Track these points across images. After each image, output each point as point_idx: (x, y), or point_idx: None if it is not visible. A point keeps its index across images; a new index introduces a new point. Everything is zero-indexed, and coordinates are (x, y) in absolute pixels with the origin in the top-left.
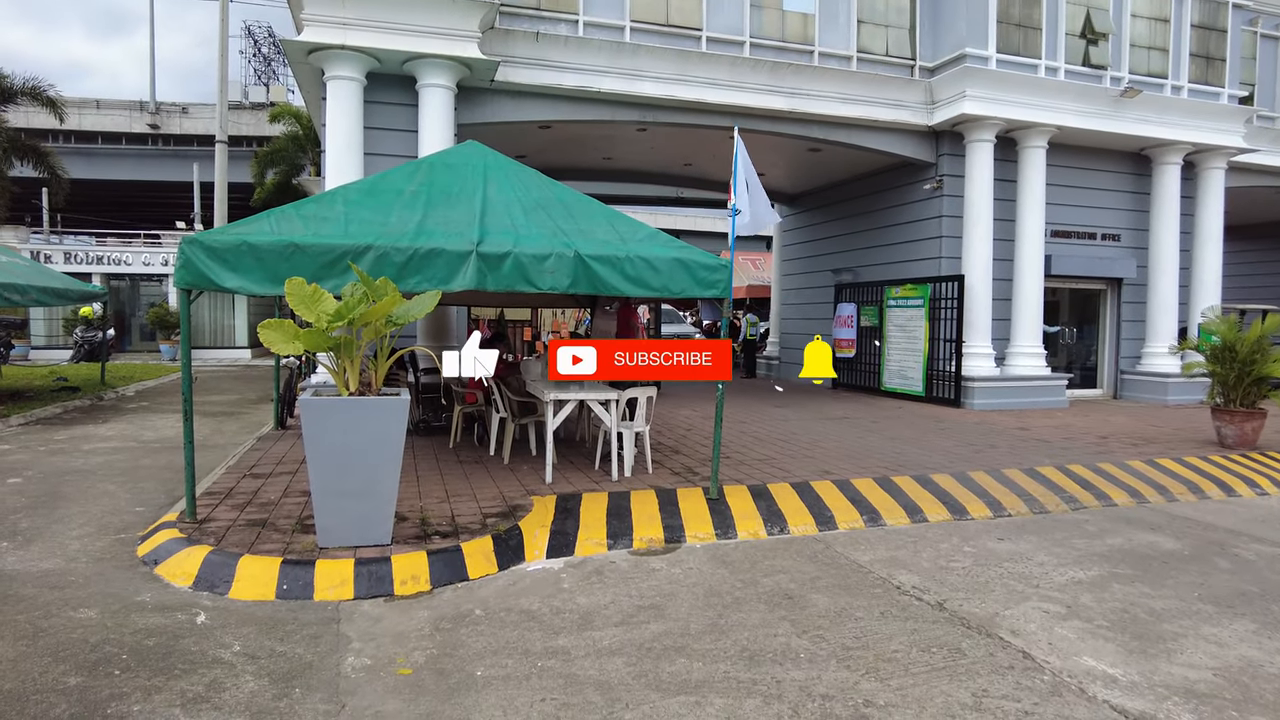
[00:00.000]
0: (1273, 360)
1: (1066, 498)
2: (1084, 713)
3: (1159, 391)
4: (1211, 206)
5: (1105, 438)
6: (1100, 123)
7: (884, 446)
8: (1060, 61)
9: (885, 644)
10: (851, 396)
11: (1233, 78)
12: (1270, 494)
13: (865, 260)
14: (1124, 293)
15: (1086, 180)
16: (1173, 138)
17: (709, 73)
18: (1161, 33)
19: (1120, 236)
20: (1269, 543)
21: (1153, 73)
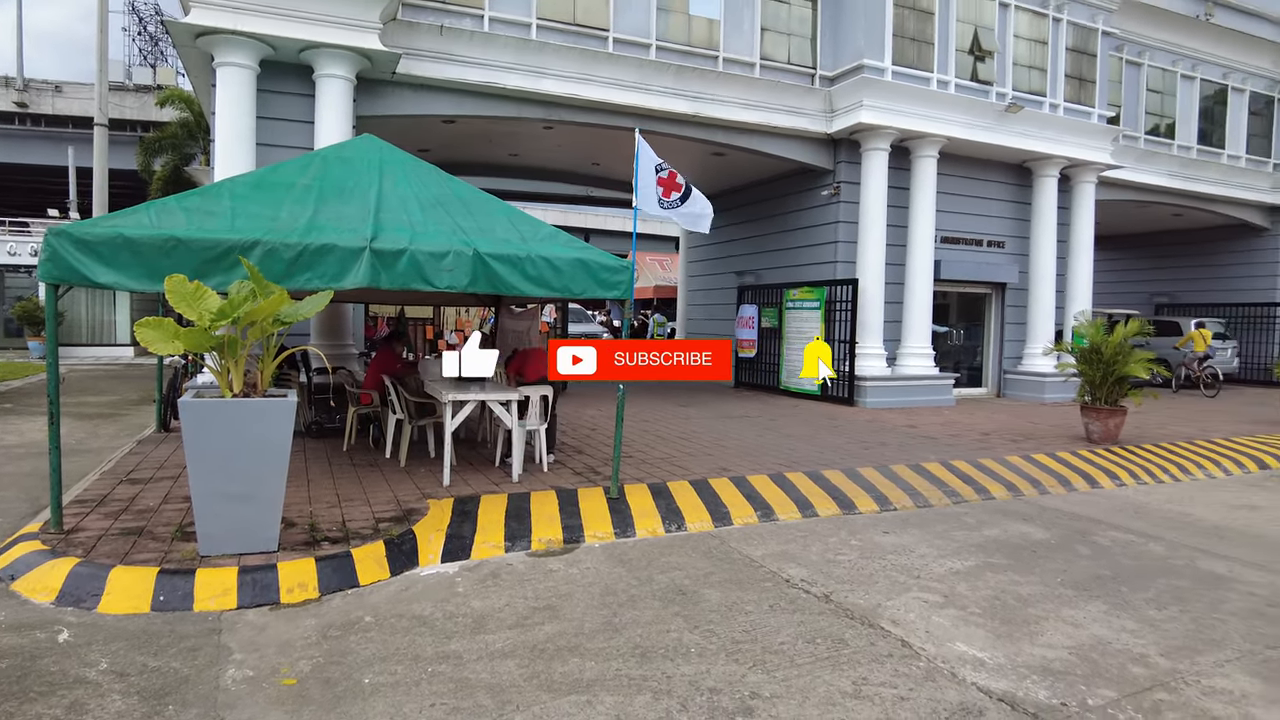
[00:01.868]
0: (1133, 361)
1: (949, 492)
2: (954, 695)
3: (1037, 390)
4: (1084, 217)
5: (987, 434)
6: (987, 135)
7: (780, 444)
8: (951, 75)
9: (773, 636)
10: (752, 395)
11: (1102, 99)
12: (1128, 485)
13: (767, 263)
14: (1007, 297)
15: (974, 189)
16: (1051, 152)
17: (615, 73)
18: (1040, 54)
19: (1004, 244)
20: (1124, 530)
21: (1033, 90)
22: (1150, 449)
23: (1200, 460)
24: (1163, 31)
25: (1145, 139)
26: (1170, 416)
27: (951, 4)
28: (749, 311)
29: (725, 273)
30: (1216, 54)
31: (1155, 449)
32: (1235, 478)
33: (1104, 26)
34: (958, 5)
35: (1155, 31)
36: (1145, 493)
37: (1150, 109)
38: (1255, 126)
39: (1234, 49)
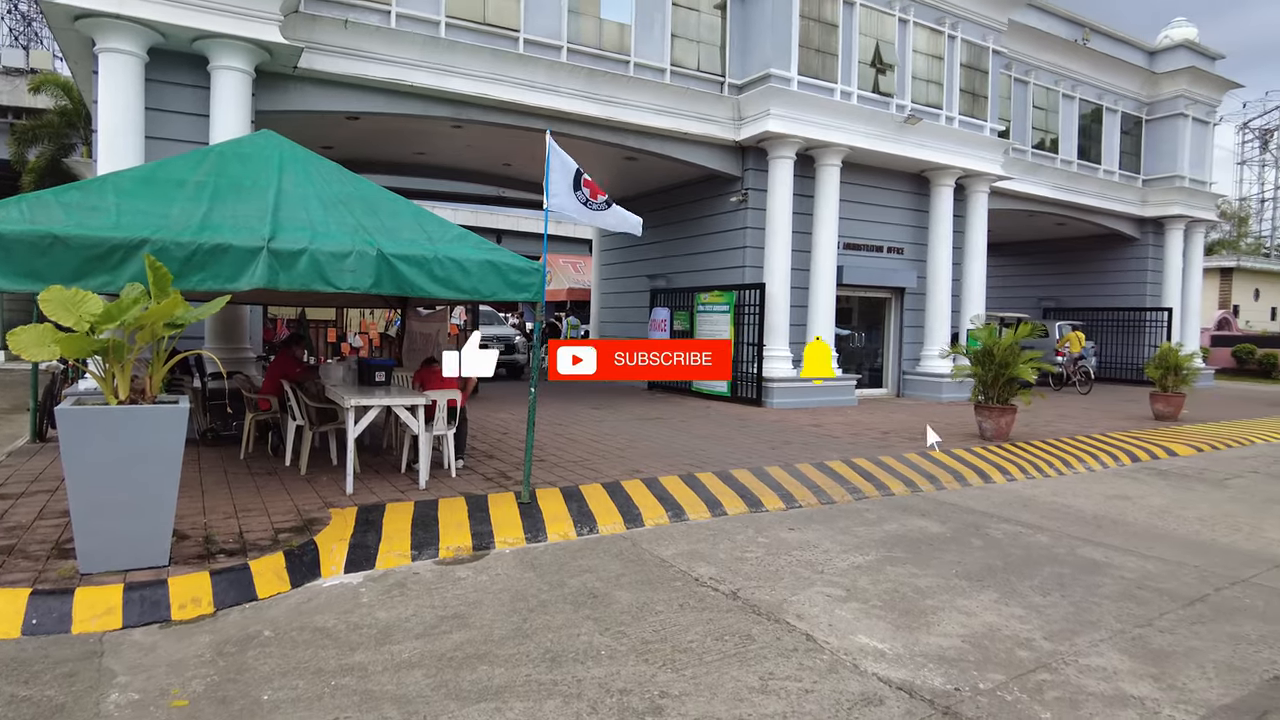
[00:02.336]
0: (1022, 363)
1: (851, 489)
2: (856, 686)
3: (935, 390)
4: (978, 225)
5: (887, 433)
6: (887, 145)
7: (691, 445)
8: (854, 87)
9: (683, 635)
10: (665, 398)
11: (993, 114)
12: (1017, 479)
13: (678, 267)
14: (906, 301)
15: (875, 198)
16: (947, 162)
17: (526, 75)
18: (937, 69)
19: (903, 250)
20: (1013, 522)
21: (931, 103)
22: (1038, 445)
23: (1081, 455)
24: (1046, 53)
25: (1032, 152)
26: (1056, 414)
27: (854, 18)
28: (661, 314)
29: (638, 276)
30: (1093, 76)
31: (1042, 445)
32: (1111, 470)
33: (994, 45)
34: (860, 19)
35: (1039, 53)
36: (1033, 486)
37: (1036, 125)
38: (1126, 144)
39: (1107, 72)
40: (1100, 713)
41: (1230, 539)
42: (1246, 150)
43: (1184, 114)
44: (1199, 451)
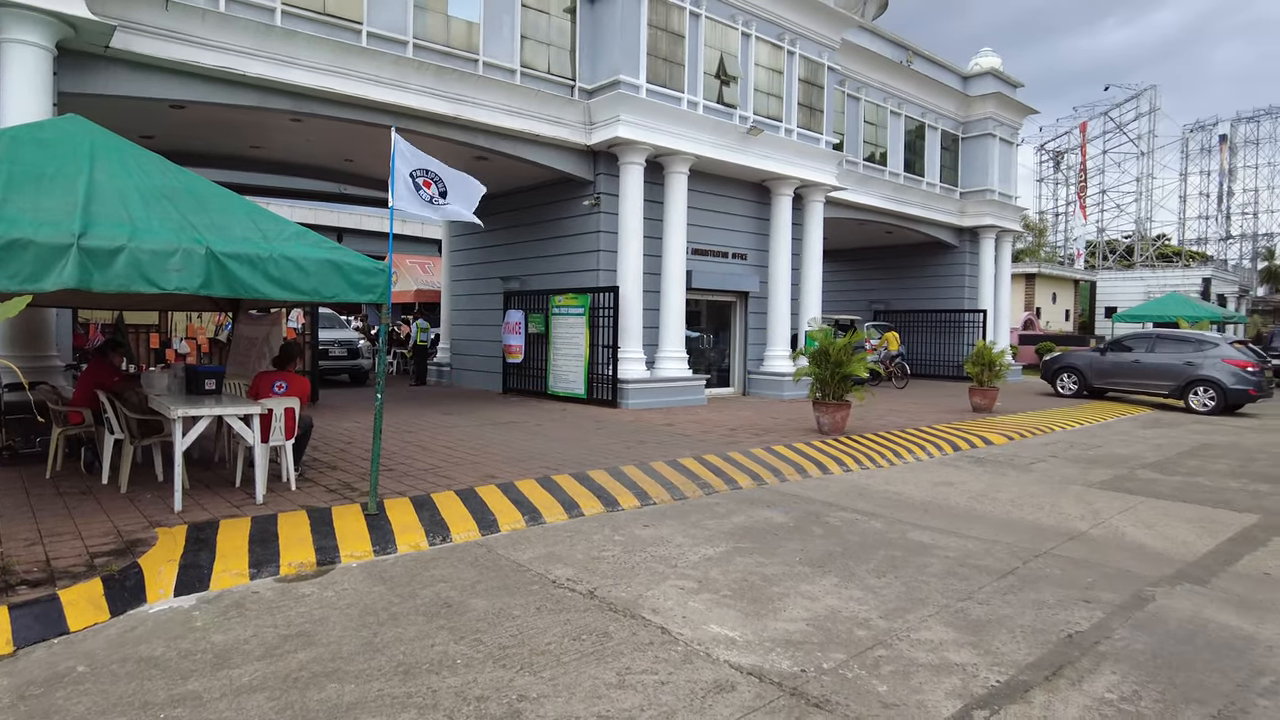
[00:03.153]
0: (855, 362)
1: (702, 484)
2: (709, 674)
3: (777, 388)
4: (815, 233)
5: (735, 430)
6: (731, 155)
7: (547, 448)
8: (700, 97)
9: (540, 638)
10: (520, 401)
11: (829, 127)
12: (853, 470)
13: (532, 269)
14: (750, 304)
15: (721, 205)
16: (786, 173)
17: (371, 69)
18: (777, 83)
19: (747, 255)
20: (850, 510)
21: (771, 115)
22: (871, 437)
23: (910, 446)
24: (875, 72)
25: (864, 165)
26: (887, 409)
27: (700, 29)
28: (515, 317)
29: (491, 278)
30: (916, 96)
31: (875, 437)
32: (936, 459)
33: (829, 63)
34: (705, 31)
35: (870, 71)
36: (867, 476)
37: (868, 139)
38: (946, 160)
39: (929, 93)
40: (929, 681)
41: (1035, 516)
42: (1043, 169)
43: (993, 134)
44: (1010, 440)
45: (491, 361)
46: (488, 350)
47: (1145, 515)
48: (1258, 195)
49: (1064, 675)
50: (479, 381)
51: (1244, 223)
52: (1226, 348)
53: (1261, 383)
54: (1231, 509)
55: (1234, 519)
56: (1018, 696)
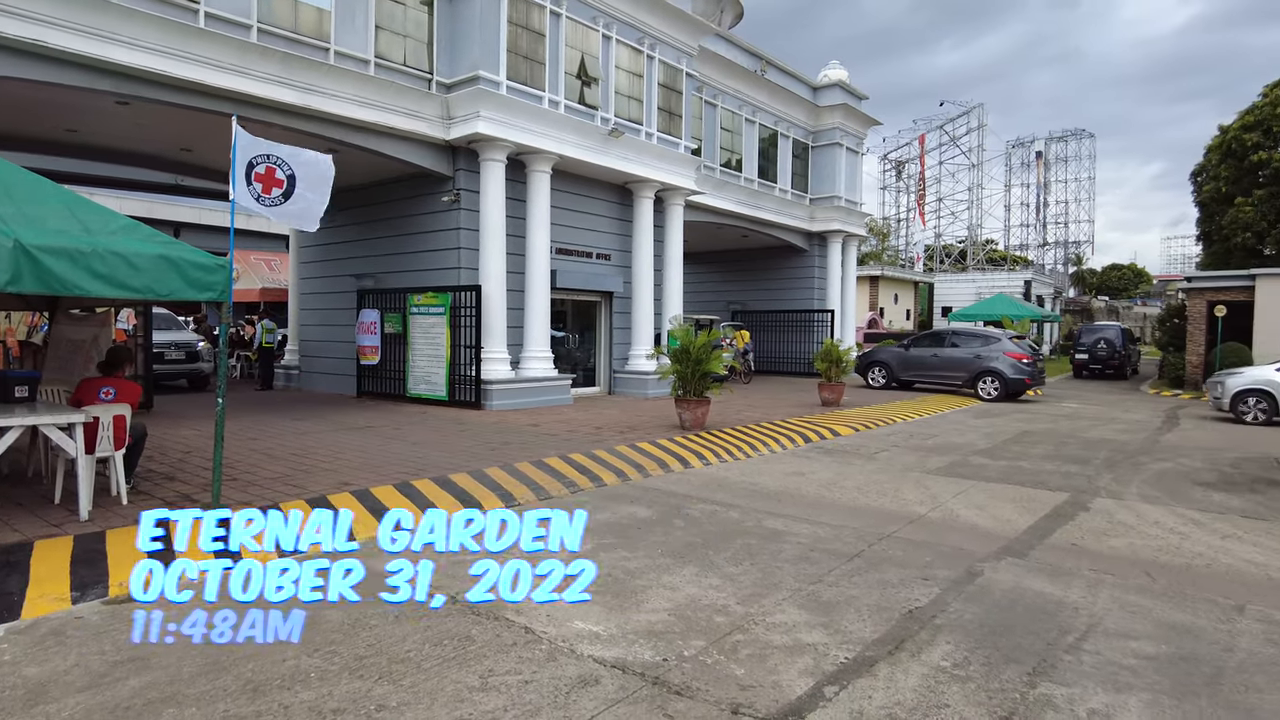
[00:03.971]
0: (714, 359)
1: (567, 483)
2: (574, 670)
3: (642, 387)
4: (675, 235)
5: (600, 428)
6: (594, 156)
7: (407, 452)
8: (561, 97)
9: (399, 646)
10: (376, 405)
11: (687, 132)
12: (712, 463)
13: (388, 267)
14: (614, 304)
15: (585, 206)
16: (647, 175)
17: (211, 52)
18: (638, 86)
19: (611, 256)
20: (710, 502)
21: (632, 118)
22: (730, 432)
23: (765, 439)
24: (731, 80)
25: (721, 170)
26: (744, 404)
27: (561, 29)
28: (371, 317)
29: (343, 275)
30: (770, 104)
31: (733, 432)
32: (789, 451)
33: (687, 69)
34: (566, 31)
35: (726, 79)
36: (726, 469)
37: (724, 145)
38: (797, 167)
39: (781, 102)
40: (783, 662)
41: (879, 502)
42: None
43: (840, 144)
44: (856, 431)
45: (345, 364)
46: (341, 352)
47: (976, 498)
48: (1068, 207)
49: (905, 648)
50: (331, 385)
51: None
52: (1007, 343)
53: (1034, 373)
54: (1047, 489)
55: (1049, 497)
56: (864, 671)
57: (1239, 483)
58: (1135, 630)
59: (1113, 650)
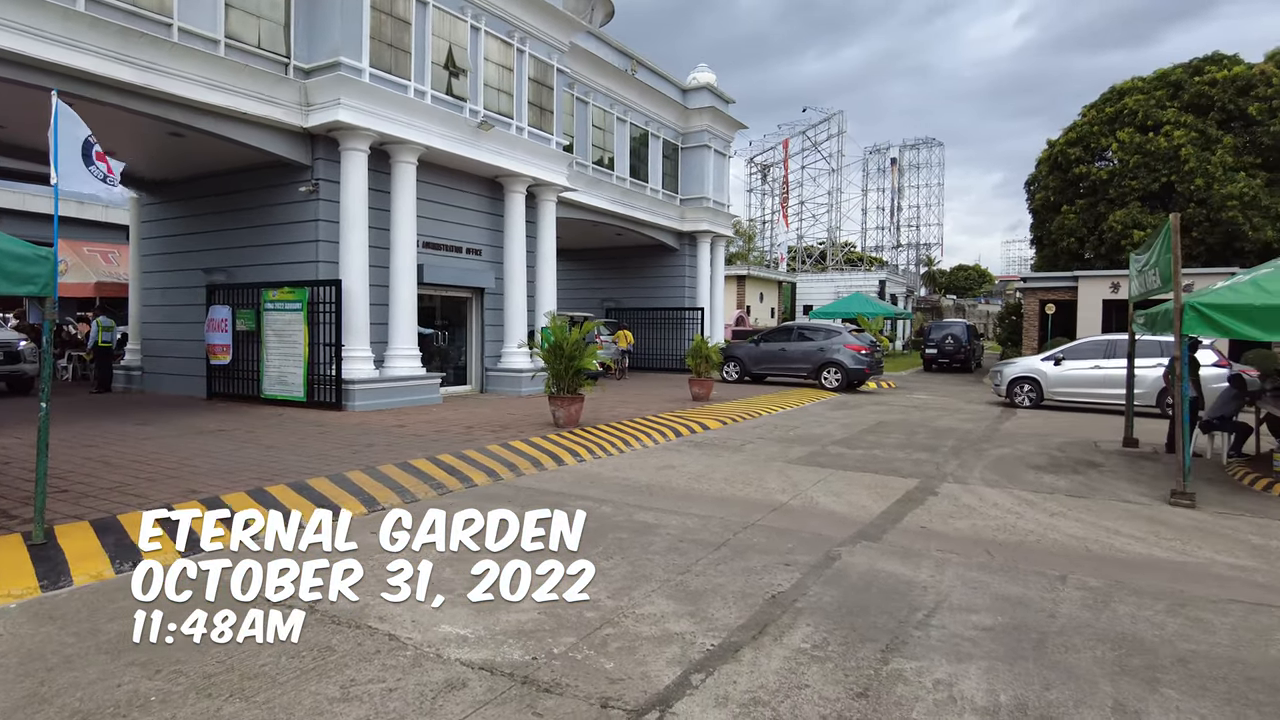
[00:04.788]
0: (588, 355)
1: (434, 485)
2: (440, 675)
3: (515, 385)
4: (548, 231)
5: (471, 428)
6: (463, 148)
7: (261, 457)
8: (428, 87)
9: (252, 661)
10: (228, 407)
11: (559, 128)
12: (586, 460)
13: (241, 260)
14: (486, 300)
15: (454, 199)
16: (519, 170)
17: (31, 20)
18: (508, 79)
19: (482, 251)
20: (583, 498)
21: (503, 112)
22: (603, 428)
23: (638, 434)
24: (603, 78)
25: (593, 168)
26: (617, 400)
27: (428, 18)
28: (221, 313)
29: (191, 269)
30: (641, 104)
31: (606, 428)
32: (661, 445)
33: (559, 65)
34: (434, 20)
35: (597, 78)
36: (599, 465)
37: (596, 143)
38: (667, 168)
39: (652, 103)
40: (652, 653)
41: (745, 492)
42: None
43: (708, 145)
44: (725, 424)
45: (193, 364)
46: (188, 351)
47: (835, 485)
48: (919, 211)
49: (768, 633)
50: (178, 386)
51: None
52: (847, 335)
53: (873, 363)
54: (899, 475)
55: (901, 484)
56: (729, 657)
57: (1065, 465)
58: (976, 604)
59: (956, 624)
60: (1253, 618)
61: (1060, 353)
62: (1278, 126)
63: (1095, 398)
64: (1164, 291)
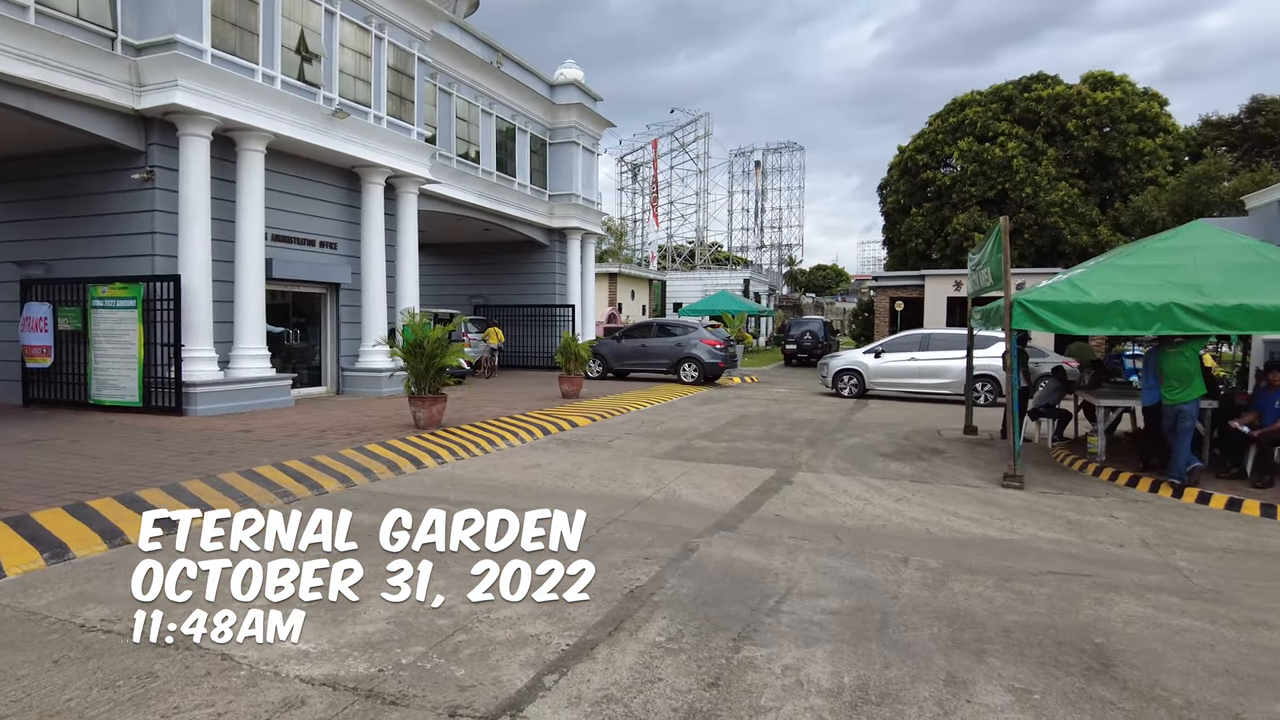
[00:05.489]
0: (451, 353)
1: (281, 493)
2: (276, 694)
3: (375, 385)
4: (409, 224)
5: (324, 431)
6: (316, 137)
7: (86, 468)
8: (277, 71)
9: (57, 695)
10: (50, 414)
11: (420, 119)
12: (449, 462)
13: (64, 253)
14: (342, 296)
15: (306, 190)
16: (376, 161)
17: None
18: (365, 67)
19: (337, 245)
20: (442, 501)
21: (360, 100)
22: (468, 428)
23: (504, 433)
24: (467, 70)
25: (458, 160)
26: (486, 399)
27: None
28: (40, 311)
29: (2, 262)
30: (507, 98)
31: (471, 428)
32: (528, 444)
33: (419, 54)
34: (283, 1)
35: (461, 69)
36: (462, 466)
37: (461, 135)
38: (535, 163)
39: (519, 97)
40: (505, 657)
41: (610, 488)
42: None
43: (576, 142)
44: (593, 421)
45: (6, 367)
46: (1, 353)
47: (697, 478)
48: (782, 213)
49: (624, 628)
50: None
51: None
52: (703, 331)
53: (728, 357)
54: (757, 466)
55: (759, 474)
56: (584, 655)
57: (910, 452)
58: (824, 589)
59: (806, 609)
60: (1065, 586)
61: (880, 346)
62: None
63: (911, 387)
64: (996, 289)
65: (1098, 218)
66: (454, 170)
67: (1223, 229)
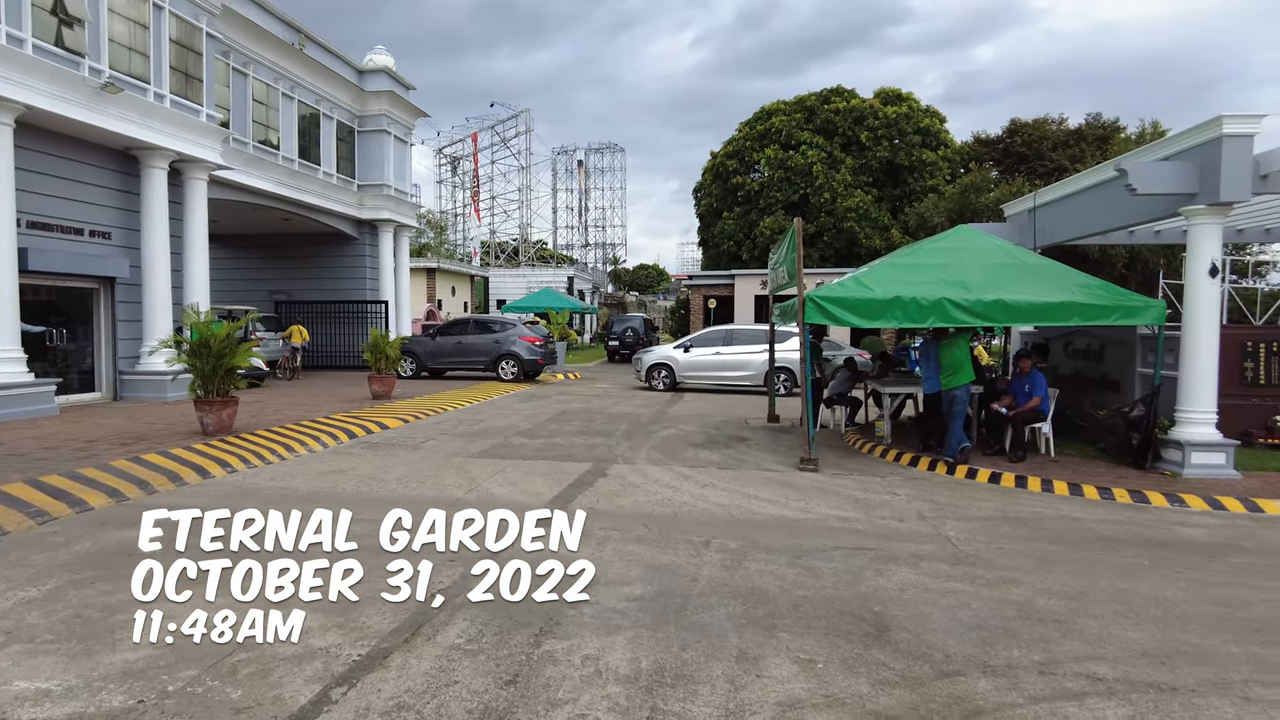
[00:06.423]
0: (241, 353)
1: (34, 513)
2: None
3: (159, 390)
4: (197, 214)
5: (94, 441)
6: (80, 112)
7: None
8: (28, 34)
9: None
10: None
11: (210, 99)
12: (239, 470)
13: None
14: (119, 292)
15: (71, 172)
16: (157, 143)
17: None
18: (143, 38)
19: (111, 235)
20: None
21: (135, 74)
22: (263, 434)
23: (304, 438)
24: (265, 50)
25: (255, 146)
26: (287, 402)
27: None
28: None
29: None
30: (311, 82)
31: (267, 434)
32: (330, 449)
33: (208, 29)
34: None
35: (258, 48)
36: (254, 475)
37: (258, 119)
38: (342, 151)
39: (324, 81)
40: (289, 674)
41: (419, 491)
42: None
43: (387, 131)
44: (406, 422)
45: None
46: None
47: (512, 475)
48: (606, 213)
49: (421, 634)
50: None
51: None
52: (522, 328)
53: (547, 354)
54: (574, 460)
55: (575, 468)
56: (377, 665)
57: (719, 441)
58: (629, 576)
59: (610, 598)
60: (850, 560)
61: (688, 341)
62: (883, 152)
63: (718, 380)
64: (792, 286)
65: (889, 222)
66: (250, 156)
67: (984, 233)
